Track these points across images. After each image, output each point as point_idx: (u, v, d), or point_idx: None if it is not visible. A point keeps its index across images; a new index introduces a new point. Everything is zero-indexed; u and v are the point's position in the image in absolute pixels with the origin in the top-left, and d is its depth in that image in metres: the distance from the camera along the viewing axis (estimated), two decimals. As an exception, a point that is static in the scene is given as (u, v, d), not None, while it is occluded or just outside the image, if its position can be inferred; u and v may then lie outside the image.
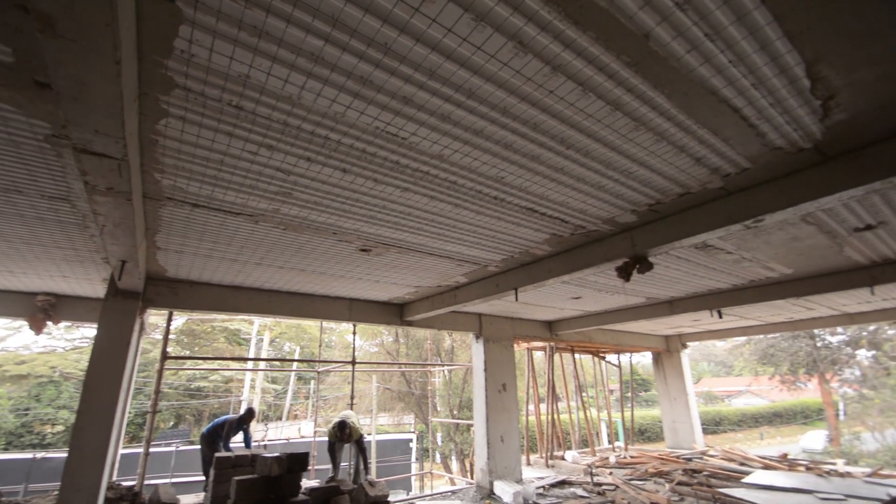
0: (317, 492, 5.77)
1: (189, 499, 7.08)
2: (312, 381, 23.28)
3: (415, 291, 6.39)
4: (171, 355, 6.88)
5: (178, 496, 6.25)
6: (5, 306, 6.06)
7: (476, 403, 8.23)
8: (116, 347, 4.61)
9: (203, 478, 6.77)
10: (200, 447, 7.09)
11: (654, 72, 2.03)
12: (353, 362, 8.48)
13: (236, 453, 6.11)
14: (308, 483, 7.13)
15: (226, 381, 22.40)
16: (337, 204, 3.35)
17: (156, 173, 2.81)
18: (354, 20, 1.71)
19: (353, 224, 3.76)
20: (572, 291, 6.62)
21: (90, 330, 17.15)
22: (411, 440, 17.53)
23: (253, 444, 7.89)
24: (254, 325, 20.26)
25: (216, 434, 7.06)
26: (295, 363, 23.53)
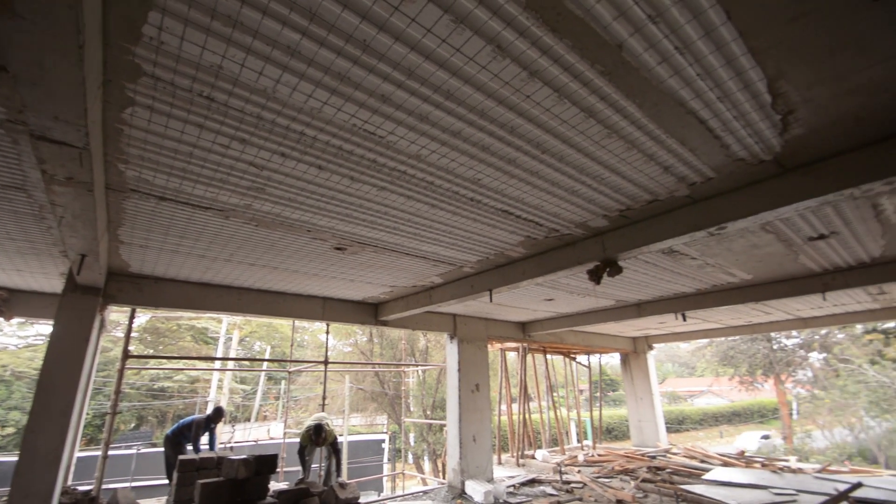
0: (285, 494, 5.65)
1: (150, 503, 6.82)
2: (283, 382, 22.81)
3: (390, 291, 6.36)
4: (134, 354, 6.59)
5: (139, 500, 6.01)
6: (-50, 301, 5.69)
7: (449, 403, 8.26)
8: (74, 345, 4.42)
9: (166, 481, 6.54)
10: (164, 449, 6.83)
11: (627, 81, 2.09)
12: (326, 362, 8.35)
13: (201, 456, 5.92)
14: (277, 486, 6.98)
15: (191, 382, 21.66)
16: (312, 201, 3.30)
17: (120, 164, 2.70)
18: (333, 15, 1.69)
19: (328, 222, 3.71)
20: (545, 293, 6.74)
21: (46, 327, 16.30)
22: (384, 441, 17.42)
23: (218, 447, 7.65)
24: (222, 324, 19.65)
25: (181, 435, 6.82)
26: (265, 363, 23.00)
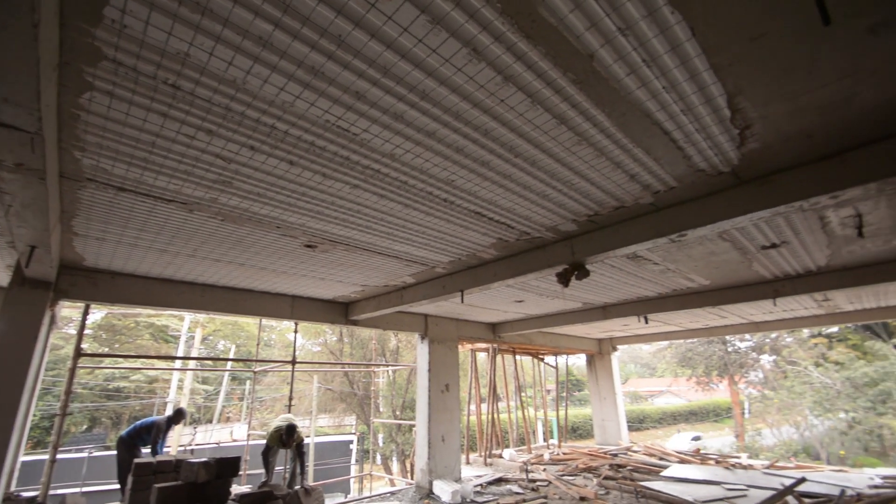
0: (248, 498, 5.49)
1: (101, 509, 6.49)
2: (248, 382, 22.13)
3: (361, 290, 6.29)
4: (87, 352, 6.24)
5: (88, 506, 5.70)
6: None
7: (419, 404, 8.25)
8: (21, 342, 4.16)
9: (119, 486, 6.22)
10: (117, 452, 6.47)
11: (597, 91, 2.16)
12: (294, 362, 8.18)
13: (158, 459, 5.67)
14: (239, 489, 6.77)
15: (150, 382, 20.69)
16: (282, 197, 3.23)
17: (76, 151, 2.56)
18: (307, 7, 1.67)
19: (299, 219, 3.64)
20: (516, 295, 6.84)
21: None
22: (352, 442, 17.19)
23: (166, 450, 7.25)
24: (184, 322, 18.88)
25: (138, 438, 6.49)
26: (230, 362, 22.25)
